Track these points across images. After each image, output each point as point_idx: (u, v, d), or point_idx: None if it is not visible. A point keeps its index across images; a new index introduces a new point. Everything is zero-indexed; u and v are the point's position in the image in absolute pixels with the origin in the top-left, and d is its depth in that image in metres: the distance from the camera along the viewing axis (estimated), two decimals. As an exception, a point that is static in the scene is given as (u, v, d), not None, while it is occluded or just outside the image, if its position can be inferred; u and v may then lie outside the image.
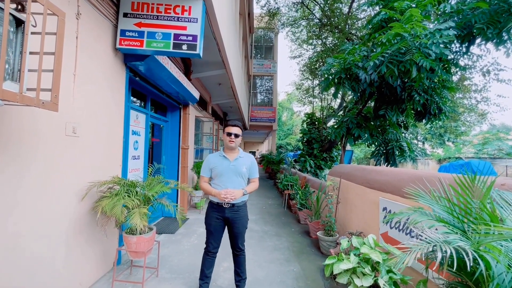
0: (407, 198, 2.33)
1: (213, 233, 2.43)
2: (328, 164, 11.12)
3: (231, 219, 2.38)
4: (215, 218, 2.40)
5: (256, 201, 7.77)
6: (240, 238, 2.47)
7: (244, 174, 2.43)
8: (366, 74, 4.20)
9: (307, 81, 17.03)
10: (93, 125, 2.63)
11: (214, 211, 2.41)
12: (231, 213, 2.37)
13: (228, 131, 2.39)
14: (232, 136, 2.37)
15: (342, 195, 3.87)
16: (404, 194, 2.41)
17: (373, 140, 5.38)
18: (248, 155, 2.57)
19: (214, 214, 2.41)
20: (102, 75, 2.77)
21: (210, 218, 2.43)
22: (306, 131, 11.59)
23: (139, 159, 4.27)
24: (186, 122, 5.78)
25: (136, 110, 4.08)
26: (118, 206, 2.31)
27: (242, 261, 2.54)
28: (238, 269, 2.55)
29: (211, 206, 2.45)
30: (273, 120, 19.08)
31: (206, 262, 2.47)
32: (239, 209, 2.40)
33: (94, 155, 2.65)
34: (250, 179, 2.54)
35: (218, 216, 2.40)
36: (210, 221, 2.43)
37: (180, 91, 4.69)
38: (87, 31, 2.52)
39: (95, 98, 2.66)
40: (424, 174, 2.30)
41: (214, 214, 2.40)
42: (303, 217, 5.34)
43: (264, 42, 20.30)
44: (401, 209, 2.17)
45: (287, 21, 16.00)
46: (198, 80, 7.10)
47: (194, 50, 2.92)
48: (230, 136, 2.38)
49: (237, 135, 2.40)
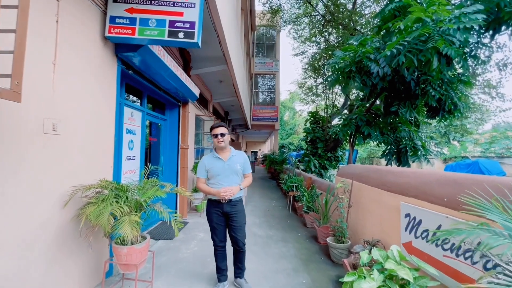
0: (438, 205, 2.02)
1: (216, 227, 2.61)
2: (333, 164, 10.80)
3: (230, 213, 2.57)
4: (215, 213, 2.58)
5: (260, 203, 7.47)
6: (241, 232, 2.62)
7: (239, 172, 2.61)
8: (378, 67, 3.88)
9: (310, 79, 16.70)
10: (78, 122, 2.33)
11: (214, 207, 2.59)
12: (229, 208, 2.56)
13: (214, 133, 2.55)
14: (219, 136, 2.53)
15: (354, 198, 3.56)
16: (432, 199, 2.09)
17: (384, 138, 5.06)
18: (240, 152, 2.73)
19: (214, 210, 2.59)
20: (89, 66, 2.48)
21: (211, 214, 2.60)
22: (310, 130, 11.26)
23: (134, 160, 3.98)
24: (186, 120, 5.49)
25: (131, 107, 3.79)
26: (105, 214, 2.02)
27: (243, 257, 2.71)
28: (239, 263, 2.72)
29: (211, 204, 2.62)
30: (275, 119, 18.78)
31: (218, 256, 2.67)
32: (236, 204, 2.61)
33: (80, 156, 2.36)
34: (244, 175, 2.72)
35: (218, 212, 2.58)
36: (211, 217, 2.60)
37: (178, 87, 4.39)
38: (70, 16, 2.23)
39: (80, 91, 2.36)
40: (457, 176, 1.99)
41: (214, 210, 2.59)
42: (309, 221, 5.03)
43: (266, 40, 20.01)
44: (453, 224, 1.85)
45: (289, 18, 15.68)
46: (199, 77, 6.81)
47: (191, 39, 2.62)
48: (217, 137, 2.53)
49: (223, 134, 2.54)
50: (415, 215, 2.25)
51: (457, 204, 1.83)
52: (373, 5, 12.79)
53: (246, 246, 2.70)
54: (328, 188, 4.56)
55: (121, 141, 3.49)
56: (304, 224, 5.25)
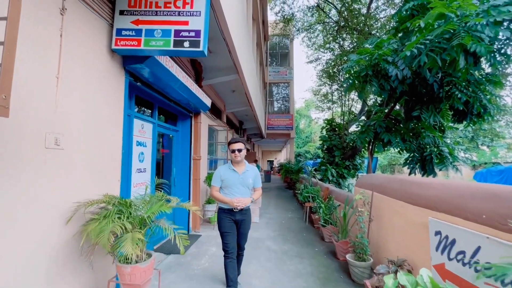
0: (475, 222, 1.74)
1: (229, 232, 2.76)
2: (351, 172, 10.37)
3: (240, 220, 2.81)
4: (227, 220, 2.78)
5: (275, 214, 7.22)
6: (245, 238, 2.94)
7: (250, 185, 2.87)
8: (397, 70, 3.63)
9: (325, 86, 16.42)
10: (83, 136, 2.29)
11: (226, 215, 2.80)
12: (240, 216, 2.80)
13: (232, 148, 2.79)
14: (236, 152, 2.77)
15: (375, 211, 3.27)
16: (468, 216, 1.82)
17: (406, 145, 4.72)
18: (253, 167, 2.99)
19: (226, 217, 2.79)
20: (95, 80, 2.45)
21: (223, 221, 2.79)
22: (326, 138, 10.95)
23: (145, 172, 3.94)
24: (198, 131, 5.44)
25: (141, 119, 3.78)
26: (106, 232, 1.92)
27: (241, 260, 3.06)
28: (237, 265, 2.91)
29: (223, 212, 2.83)
30: (290, 127, 18.55)
31: (229, 266, 2.73)
32: (246, 212, 2.87)
33: (85, 170, 2.31)
34: (255, 188, 2.98)
35: (229, 219, 2.79)
36: (224, 224, 2.78)
37: (189, 98, 4.35)
38: (76, 30, 2.22)
39: (86, 104, 2.33)
40: (498, 189, 1.71)
41: (226, 217, 2.79)
42: (327, 235, 4.74)
43: (279, 49, 20.06)
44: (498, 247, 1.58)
45: (302, 27, 15.62)
46: (211, 87, 6.81)
47: (197, 47, 2.54)
48: (235, 152, 2.78)
49: (240, 149, 2.79)
50: (447, 234, 1.97)
51: (500, 223, 1.56)
52: (388, 9, 12.50)
53: (259, 262, 3.10)
54: (346, 200, 4.27)
55: (130, 154, 3.46)
56: (321, 238, 4.95)
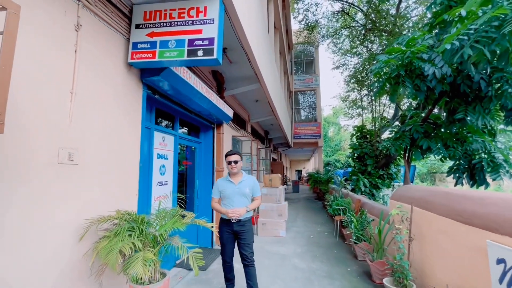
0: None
1: (226, 244, 2.87)
2: (386, 182, 9.61)
3: (238, 232, 2.83)
4: (225, 231, 2.86)
5: (303, 228, 6.83)
6: (248, 249, 2.85)
7: (248, 195, 2.90)
8: (434, 67, 3.23)
9: (353, 92, 15.75)
10: (98, 150, 2.27)
11: (224, 226, 2.87)
12: (238, 227, 2.82)
13: (228, 160, 2.90)
14: (233, 164, 2.88)
15: (416, 229, 2.85)
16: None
17: (450, 152, 4.16)
18: (251, 177, 3.06)
19: (224, 229, 2.87)
20: (111, 94, 2.46)
21: (222, 232, 2.88)
22: (357, 145, 10.34)
23: (167, 185, 3.90)
24: (220, 142, 5.37)
25: (161, 131, 3.77)
26: (114, 251, 1.82)
27: (253, 273, 2.83)
28: (250, 281, 2.80)
29: (222, 222, 2.90)
30: (318, 136, 18.00)
31: (226, 269, 2.95)
32: (244, 223, 2.86)
33: (100, 185, 2.27)
34: (253, 197, 2.99)
35: (227, 230, 2.85)
36: (222, 235, 2.87)
37: (210, 109, 4.30)
38: (91, 45, 2.24)
39: (101, 118, 2.32)
40: None
41: (224, 228, 2.87)
42: (360, 252, 4.29)
43: (304, 57, 19.82)
44: None
45: (327, 33, 15.29)
46: (234, 98, 6.78)
47: (210, 55, 2.45)
48: (231, 164, 2.88)
49: (236, 161, 2.90)
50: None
51: None
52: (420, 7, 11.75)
53: (284, 283, 3.03)
54: (381, 214, 3.84)
55: (151, 167, 3.43)
56: (354, 256, 4.50)
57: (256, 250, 4.92)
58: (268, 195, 6.06)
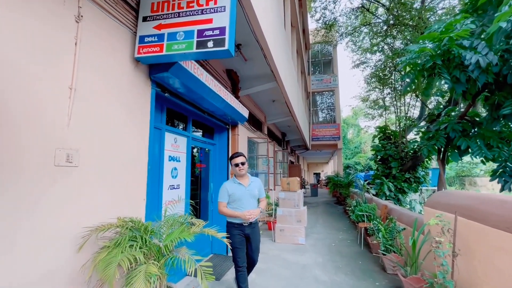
0: None
1: (240, 247, 2.78)
2: (413, 186, 8.95)
3: (250, 234, 2.83)
4: (238, 235, 2.79)
5: (323, 235, 6.42)
6: (257, 252, 2.94)
7: (256, 196, 2.92)
8: (478, 56, 2.80)
9: (374, 91, 15.03)
10: (102, 152, 2.09)
11: (236, 230, 2.81)
12: (249, 230, 2.83)
13: (235, 163, 2.87)
14: (240, 165, 2.85)
15: (462, 242, 2.43)
16: None
17: (493, 153, 3.66)
18: (256, 179, 3.03)
19: (236, 232, 2.80)
20: (117, 91, 2.28)
21: (234, 236, 2.78)
22: (380, 147, 9.76)
23: (179, 189, 3.71)
24: (235, 143, 5.14)
25: (173, 132, 3.59)
26: (113, 264, 1.61)
27: (251, 270, 3.07)
28: None
29: (233, 227, 2.83)
30: (337, 138, 17.38)
31: (240, 277, 2.80)
32: (255, 226, 2.90)
33: (103, 189, 2.09)
34: (260, 199, 3.01)
35: (240, 234, 2.80)
36: (235, 239, 2.77)
37: (224, 109, 4.08)
38: (94, 38, 2.07)
39: (106, 118, 2.15)
40: None
41: (236, 232, 2.80)
42: (390, 265, 3.86)
43: (321, 57, 19.32)
44: None
45: (346, 31, 14.75)
46: (249, 98, 6.55)
47: (221, 46, 2.21)
48: (238, 166, 2.85)
49: (243, 163, 2.87)
50: None
51: None
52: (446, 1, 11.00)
53: None
54: (415, 223, 3.41)
55: (161, 169, 3.25)
56: (382, 268, 4.07)
57: (273, 258, 4.63)
58: (286, 200, 5.74)
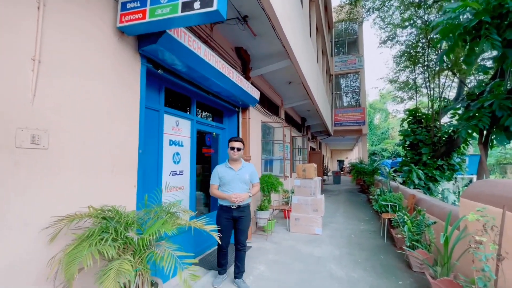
0: None
1: (225, 231, 2.87)
2: (446, 174, 8.13)
3: (238, 217, 2.90)
4: (225, 218, 2.89)
5: (343, 225, 6.01)
6: (244, 235, 2.95)
7: (247, 181, 2.96)
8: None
9: (404, 71, 13.75)
10: (80, 133, 1.88)
11: (224, 213, 2.90)
12: (237, 213, 2.89)
13: (231, 146, 2.94)
14: (235, 150, 2.92)
15: (511, 243, 1.95)
16: None
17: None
18: (249, 164, 3.10)
19: (224, 215, 2.90)
20: (97, 66, 2.03)
21: (221, 219, 2.90)
22: (409, 132, 8.95)
23: (182, 175, 3.50)
24: (246, 128, 4.82)
25: (174, 115, 3.35)
26: (77, 261, 1.39)
27: (242, 257, 2.97)
28: (239, 263, 2.95)
29: (221, 209, 2.94)
30: (362, 122, 16.39)
31: (221, 255, 3.01)
32: (244, 209, 2.94)
33: (83, 175, 1.89)
34: (253, 184, 3.05)
35: (227, 217, 2.89)
36: (221, 222, 2.88)
37: (230, 89, 3.74)
38: (66, 3, 1.81)
39: (84, 96, 1.91)
40: None
41: (224, 215, 2.90)
42: (416, 262, 3.41)
43: (346, 36, 18.04)
44: None
45: (373, 6, 13.48)
46: (263, 80, 6.14)
47: (209, 7, 1.85)
48: (233, 150, 2.92)
49: (239, 148, 2.95)
50: None
51: None
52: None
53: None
54: (448, 217, 2.92)
55: (160, 154, 3.04)
56: (407, 265, 3.63)
57: (286, 249, 4.35)
58: (302, 187, 5.37)
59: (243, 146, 3.01)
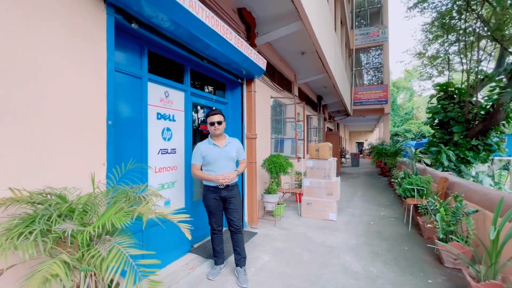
0: None
1: (214, 212, 2.67)
2: (481, 156, 7.25)
3: (227, 197, 2.65)
4: (213, 199, 2.64)
5: (361, 210, 5.47)
6: (237, 215, 2.68)
7: (234, 158, 2.68)
8: None
9: (435, 42, 12.31)
10: (14, 96, 1.46)
11: (212, 193, 2.64)
12: (226, 192, 2.63)
13: (211, 121, 2.58)
14: (216, 124, 2.57)
15: None
16: None
17: None
18: (234, 139, 2.80)
19: (211, 196, 2.64)
20: (37, 11, 1.57)
21: (208, 200, 2.65)
22: (438, 108, 8.02)
23: (175, 153, 3.09)
24: (251, 102, 4.28)
25: (162, 84, 2.88)
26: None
27: (240, 240, 2.70)
28: (238, 248, 2.69)
29: (208, 190, 2.66)
30: (384, 101, 15.23)
31: (216, 240, 2.75)
32: (233, 188, 2.68)
33: (27, 151, 1.49)
34: (239, 160, 2.78)
35: (215, 197, 2.64)
36: (209, 203, 2.65)
37: (229, 55, 3.19)
38: None
39: (18, 48, 1.48)
40: None
41: (212, 195, 2.64)
42: (450, 257, 2.86)
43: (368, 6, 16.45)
44: None
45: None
46: (272, 49, 5.49)
47: None
48: (214, 125, 2.57)
49: (220, 122, 2.59)
50: None
51: None
52: None
53: None
54: (498, 205, 2.31)
55: (144, 129, 2.62)
56: (437, 259, 3.09)
57: (296, 236, 3.91)
58: (315, 169, 4.85)
59: (224, 118, 2.65)
